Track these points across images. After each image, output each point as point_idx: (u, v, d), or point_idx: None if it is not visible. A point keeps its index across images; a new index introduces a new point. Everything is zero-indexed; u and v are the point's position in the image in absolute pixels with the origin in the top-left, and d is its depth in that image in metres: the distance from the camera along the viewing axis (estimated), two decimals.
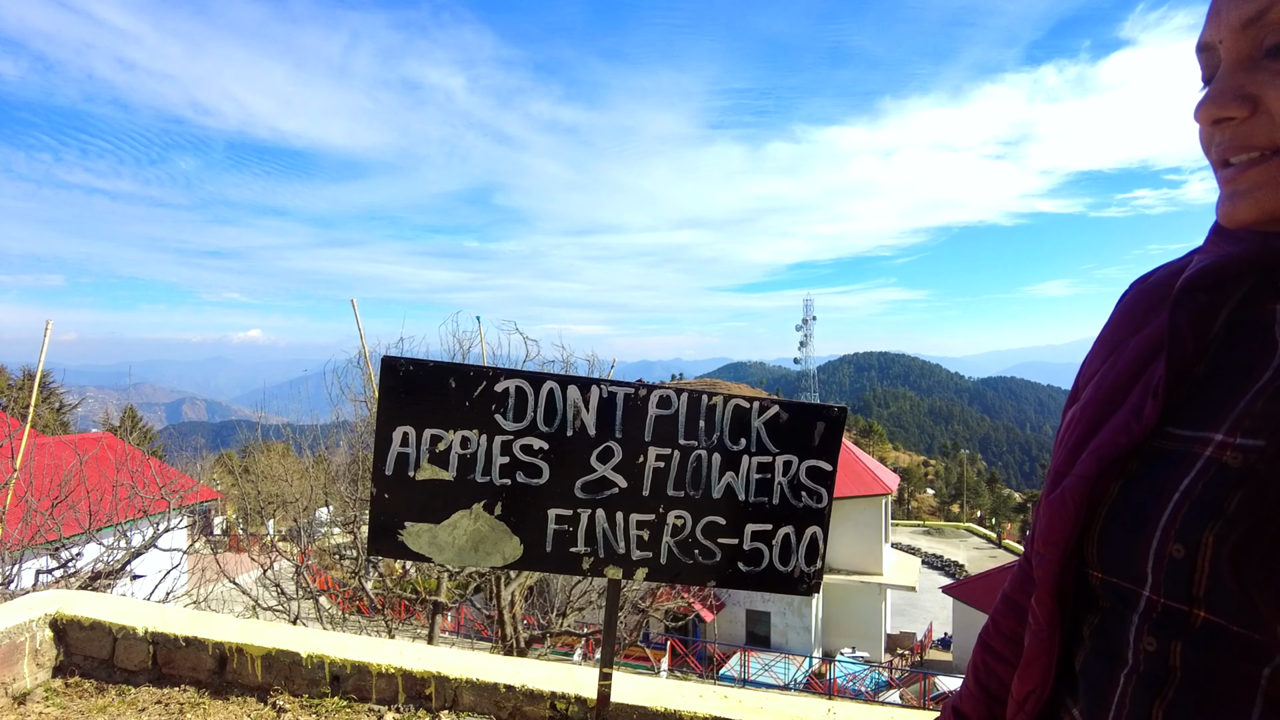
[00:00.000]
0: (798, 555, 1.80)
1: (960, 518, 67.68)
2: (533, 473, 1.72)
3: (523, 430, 1.71)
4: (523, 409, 1.71)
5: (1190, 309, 0.65)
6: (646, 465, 1.74)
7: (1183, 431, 0.63)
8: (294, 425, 14.87)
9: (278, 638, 2.66)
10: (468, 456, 1.70)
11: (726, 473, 1.76)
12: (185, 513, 9.91)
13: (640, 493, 1.75)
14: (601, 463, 1.73)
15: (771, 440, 1.76)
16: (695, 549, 1.77)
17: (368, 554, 1.61)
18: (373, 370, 9.35)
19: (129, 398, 37.47)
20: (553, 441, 1.72)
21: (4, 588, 7.50)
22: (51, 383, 29.94)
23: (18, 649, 2.61)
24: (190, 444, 40.68)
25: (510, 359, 9.85)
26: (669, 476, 1.75)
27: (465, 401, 1.69)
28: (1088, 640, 0.68)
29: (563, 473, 1.73)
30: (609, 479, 1.74)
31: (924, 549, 45.98)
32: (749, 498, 1.77)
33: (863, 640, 25.16)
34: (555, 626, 10.26)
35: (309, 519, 13.04)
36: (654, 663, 19.38)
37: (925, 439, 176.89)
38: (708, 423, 1.75)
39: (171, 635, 2.66)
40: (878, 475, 25.86)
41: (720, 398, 1.75)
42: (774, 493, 1.77)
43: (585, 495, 1.74)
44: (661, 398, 1.73)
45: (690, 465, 1.75)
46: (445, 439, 1.69)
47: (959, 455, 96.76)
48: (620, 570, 1.76)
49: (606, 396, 1.72)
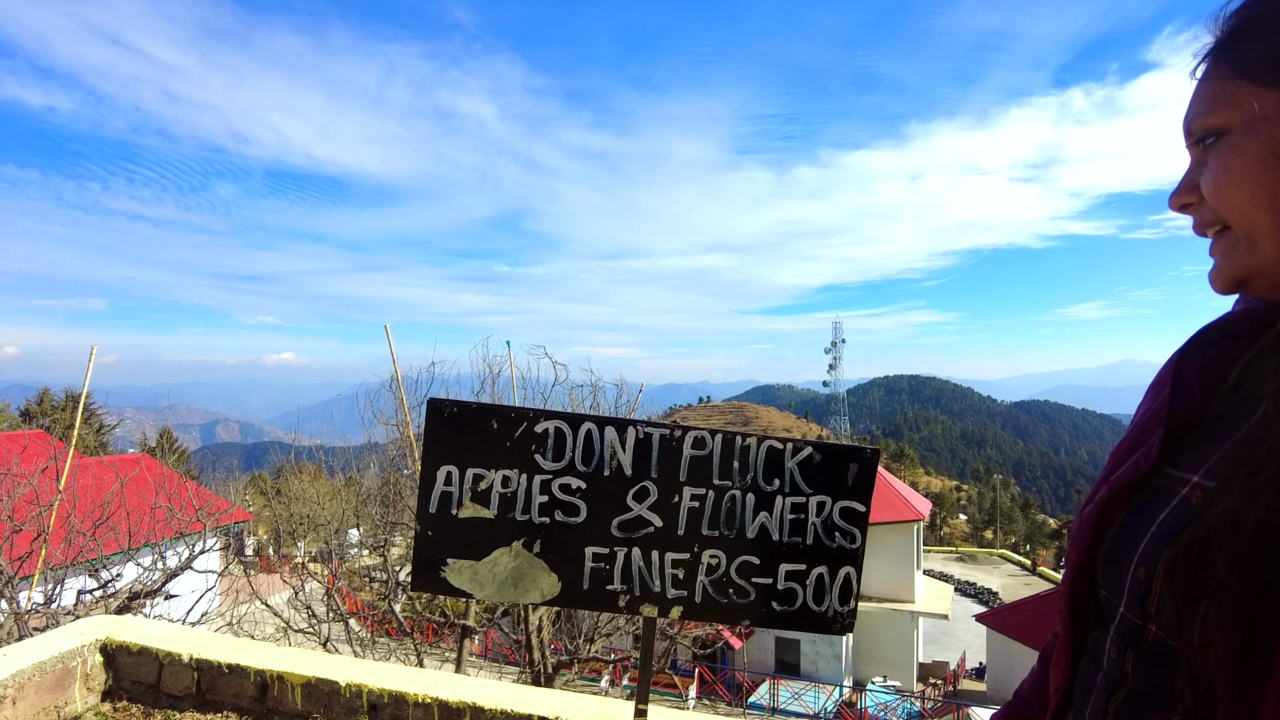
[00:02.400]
0: (831, 595, 1.82)
1: (994, 544, 66.35)
2: (571, 511, 1.76)
3: (561, 470, 1.76)
4: (561, 449, 1.75)
5: (1199, 360, 0.76)
6: (682, 505, 1.78)
7: (1176, 472, 0.73)
8: (326, 447, 15.08)
9: (317, 666, 2.72)
10: (508, 495, 1.75)
11: (760, 513, 1.79)
12: (220, 533, 10.09)
13: (675, 531, 1.78)
14: (637, 502, 1.77)
15: (805, 481, 1.79)
16: (730, 588, 1.80)
17: (410, 589, 1.66)
18: (405, 395, 9.49)
19: (165, 419, 38.29)
20: (590, 481, 1.76)
21: (46, 606, 7.70)
22: (93, 404, 30.71)
23: (70, 673, 2.70)
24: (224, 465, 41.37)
25: (539, 383, 9.94)
26: (704, 516, 1.78)
27: (506, 442, 1.74)
28: (1089, 649, 0.78)
29: (600, 511, 1.77)
30: (645, 518, 1.78)
31: (957, 576, 45.13)
32: (783, 538, 1.80)
33: (894, 669, 24.68)
34: (583, 653, 10.23)
35: (340, 541, 13.20)
36: (682, 690, 19.17)
37: (957, 463, 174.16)
38: (741, 463, 1.78)
39: (215, 662, 2.73)
40: (909, 501, 25.50)
41: (754, 439, 1.78)
42: (808, 533, 1.80)
43: (621, 534, 1.78)
44: (696, 438, 1.77)
45: (724, 505, 1.78)
46: (487, 478, 1.74)
47: (992, 480, 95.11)
48: (655, 608, 1.79)
49: (643, 437, 1.76)
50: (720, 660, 23.60)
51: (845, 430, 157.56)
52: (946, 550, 58.36)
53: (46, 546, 7.79)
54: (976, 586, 43.95)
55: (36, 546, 7.78)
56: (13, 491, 7.72)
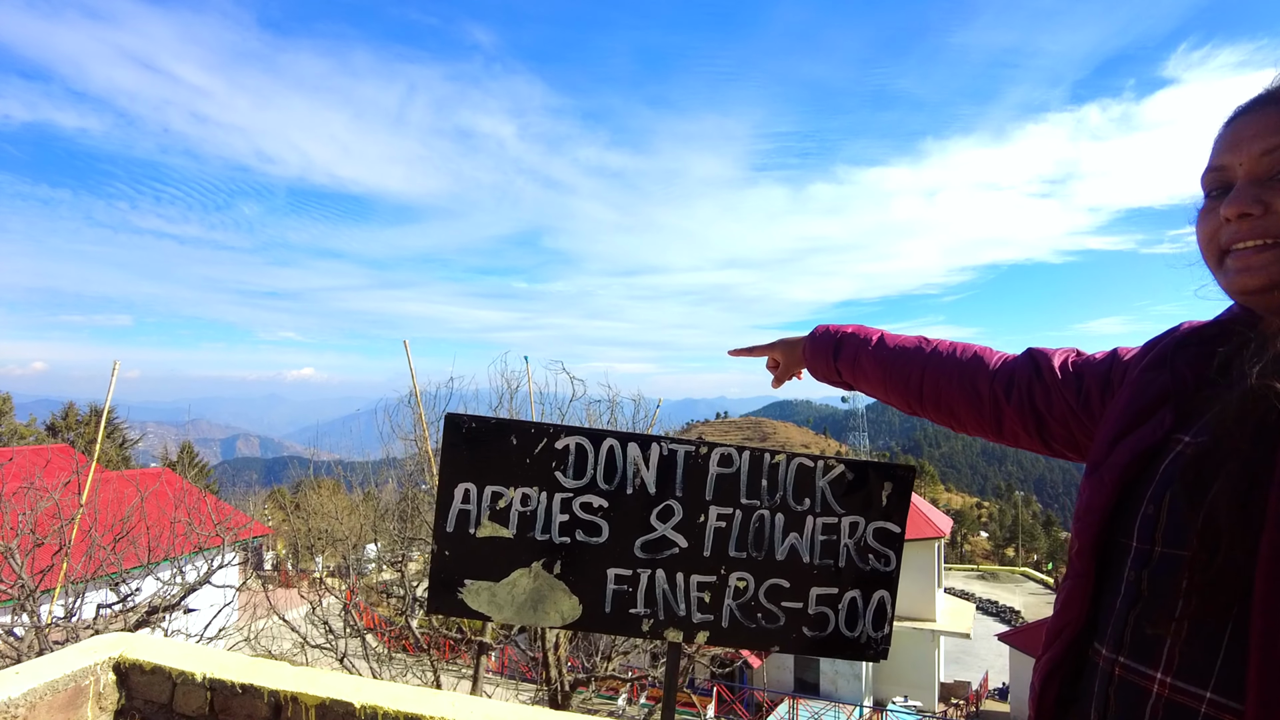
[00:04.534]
0: (865, 620, 1.74)
1: (1015, 562, 65.29)
2: (592, 531, 1.70)
3: (582, 488, 1.69)
4: (583, 466, 1.69)
5: (1186, 357, 0.97)
6: (708, 525, 1.71)
7: (1178, 435, 0.91)
8: (345, 462, 15.12)
9: (332, 686, 2.66)
10: (528, 514, 1.69)
11: (790, 534, 1.71)
12: (238, 548, 10.11)
13: (701, 553, 1.71)
14: (661, 521, 1.70)
15: (837, 500, 1.71)
16: (758, 612, 1.72)
17: (427, 612, 1.60)
18: (423, 410, 9.47)
19: (186, 433, 38.64)
20: (613, 499, 1.70)
21: (67, 620, 7.72)
22: (116, 419, 31.05)
23: (82, 692, 2.66)
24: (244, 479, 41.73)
25: (557, 398, 9.89)
26: (731, 537, 1.71)
27: (526, 458, 1.68)
28: (1108, 583, 0.91)
29: (622, 531, 1.70)
30: (669, 538, 1.71)
31: (978, 594, 44.42)
32: (814, 560, 1.72)
33: (915, 689, 24.24)
34: (601, 670, 10.11)
35: (357, 556, 13.18)
36: (700, 709, 18.92)
37: (978, 480, 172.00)
38: (770, 481, 1.71)
39: (228, 682, 2.67)
40: (930, 518, 25.15)
41: (783, 456, 1.71)
42: (840, 555, 1.72)
43: (645, 555, 1.71)
44: (723, 455, 1.70)
45: (753, 525, 1.71)
46: (506, 496, 1.68)
47: (1013, 497, 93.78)
48: (680, 633, 1.72)
49: (667, 454, 1.69)
50: (739, 679, 23.29)
51: (865, 446, 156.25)
52: (968, 568, 57.47)
53: (68, 560, 7.82)
54: (998, 605, 43.21)
55: (58, 560, 7.81)
56: (35, 505, 7.77)
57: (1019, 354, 1.30)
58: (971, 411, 1.32)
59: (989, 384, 1.28)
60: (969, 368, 1.33)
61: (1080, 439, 1.17)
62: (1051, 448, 1.23)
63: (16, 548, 7.34)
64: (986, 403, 1.29)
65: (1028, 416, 1.23)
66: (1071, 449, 1.20)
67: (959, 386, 1.33)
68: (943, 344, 1.41)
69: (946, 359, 1.36)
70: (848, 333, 1.54)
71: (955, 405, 1.34)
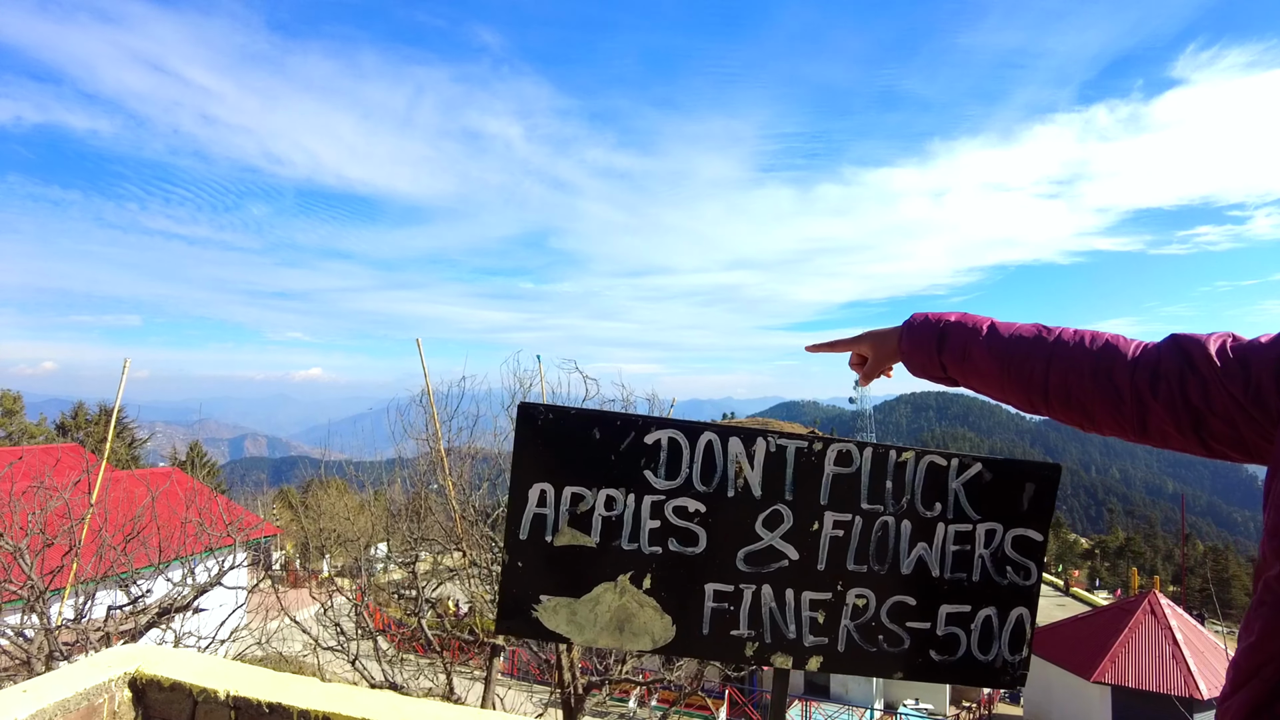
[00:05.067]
0: (1000, 642, 1.50)
1: None
2: (687, 540, 1.46)
3: (676, 489, 1.45)
4: (676, 464, 1.45)
5: None
6: (823, 533, 1.47)
7: None
8: (354, 462, 14.95)
9: (366, 706, 2.44)
10: (613, 519, 1.45)
11: (918, 543, 1.47)
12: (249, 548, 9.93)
13: (815, 566, 1.47)
14: (768, 529, 1.47)
15: (972, 504, 1.48)
16: (879, 634, 1.48)
17: (496, 631, 1.37)
18: (436, 410, 9.26)
19: (195, 433, 38.57)
20: (711, 503, 1.46)
21: (77, 622, 7.53)
22: (125, 418, 30.97)
23: (96, 710, 2.44)
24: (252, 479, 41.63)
25: (570, 398, 9.63)
26: (849, 547, 1.47)
27: (611, 455, 1.44)
28: None
29: (723, 540, 1.46)
30: (777, 549, 1.47)
31: None
32: (944, 573, 1.48)
33: (926, 692, 24.01)
34: (615, 673, 9.91)
35: (368, 556, 12.99)
36: (713, 711, 18.71)
37: None
38: (896, 483, 1.47)
39: (254, 700, 2.45)
40: None
41: (911, 454, 1.47)
42: (974, 567, 1.48)
43: (749, 568, 1.47)
44: (841, 453, 1.46)
45: (875, 534, 1.47)
46: (588, 499, 1.45)
47: None
48: (790, 658, 1.48)
49: (774, 450, 1.45)
50: (750, 682, 23.04)
51: None
52: None
53: (78, 560, 7.64)
54: None
55: (68, 561, 7.63)
56: (45, 505, 7.59)
57: (1161, 341, 1.13)
58: (1109, 409, 1.15)
59: (1129, 377, 1.11)
60: (1102, 359, 1.15)
61: (1250, 438, 1.00)
62: (1210, 448, 1.05)
63: (26, 548, 7.17)
64: (1128, 399, 1.11)
65: (1180, 413, 1.05)
66: (1238, 449, 1.02)
67: (1092, 381, 1.15)
68: (1066, 332, 1.23)
69: (1075, 349, 1.19)
70: (952, 321, 1.33)
71: (1089, 403, 1.17)
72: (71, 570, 7.63)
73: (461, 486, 9.20)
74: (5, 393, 31.50)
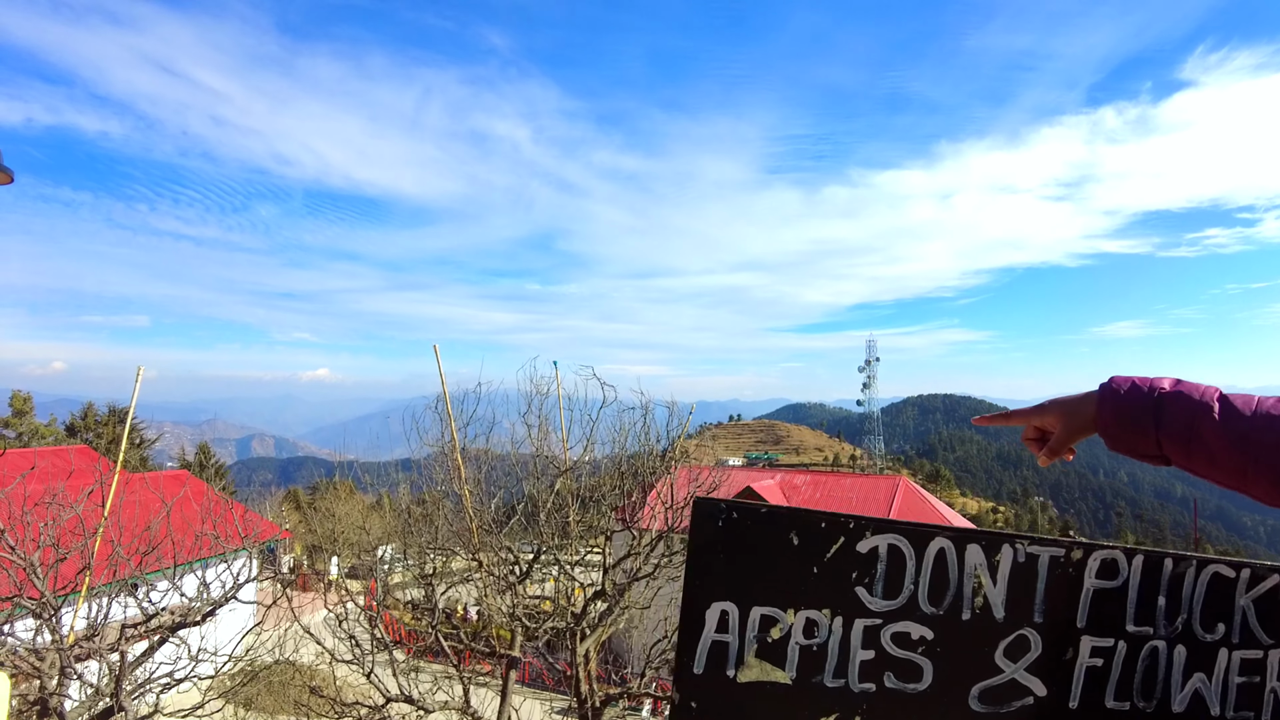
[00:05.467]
0: None
1: None
2: (909, 674, 1.14)
3: (897, 610, 1.13)
4: (898, 579, 1.13)
5: None
6: (1078, 663, 1.15)
7: None
8: (361, 463, 14.70)
9: None
10: (814, 649, 1.13)
11: (1194, 674, 1.15)
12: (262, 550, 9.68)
13: (1066, 704, 1.15)
14: (1010, 660, 1.14)
15: (1263, 626, 1.16)
16: None
17: None
18: (451, 414, 8.95)
19: (203, 434, 38.47)
20: (940, 628, 1.14)
21: (89, 640, 7.26)
22: (134, 420, 30.81)
23: None
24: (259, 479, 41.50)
25: (586, 403, 9.27)
26: (1110, 680, 1.15)
27: (814, 567, 1.13)
28: None
29: (954, 675, 1.14)
30: (1021, 684, 1.15)
31: None
32: (1225, 713, 1.16)
33: None
34: (634, 686, 9.64)
35: (380, 562, 12.70)
36: None
37: (994, 484, 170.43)
38: (1170, 599, 1.15)
39: None
40: (948, 521, 24.50)
41: (1193, 561, 1.15)
42: (1265, 706, 1.16)
43: (985, 708, 1.15)
44: (1105, 561, 1.14)
45: (1142, 663, 1.15)
46: (782, 622, 1.13)
47: (1030, 502, 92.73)
48: None
49: (1024, 561, 1.14)
50: None
51: (880, 450, 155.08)
52: None
53: (90, 574, 7.38)
54: None
55: (81, 578, 7.37)
56: (58, 517, 7.34)
57: None
58: None
59: None
60: None
61: None
62: None
63: (39, 562, 6.91)
64: None
65: None
66: None
67: None
68: None
69: None
70: (1168, 391, 1.04)
71: None
72: (84, 584, 7.37)
73: (479, 495, 8.92)
74: (16, 393, 31.33)
